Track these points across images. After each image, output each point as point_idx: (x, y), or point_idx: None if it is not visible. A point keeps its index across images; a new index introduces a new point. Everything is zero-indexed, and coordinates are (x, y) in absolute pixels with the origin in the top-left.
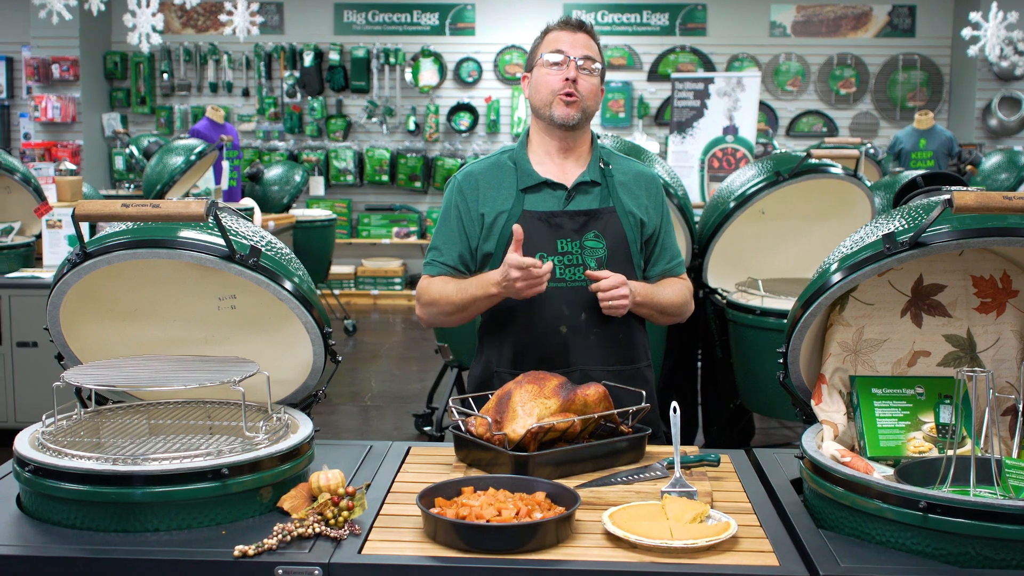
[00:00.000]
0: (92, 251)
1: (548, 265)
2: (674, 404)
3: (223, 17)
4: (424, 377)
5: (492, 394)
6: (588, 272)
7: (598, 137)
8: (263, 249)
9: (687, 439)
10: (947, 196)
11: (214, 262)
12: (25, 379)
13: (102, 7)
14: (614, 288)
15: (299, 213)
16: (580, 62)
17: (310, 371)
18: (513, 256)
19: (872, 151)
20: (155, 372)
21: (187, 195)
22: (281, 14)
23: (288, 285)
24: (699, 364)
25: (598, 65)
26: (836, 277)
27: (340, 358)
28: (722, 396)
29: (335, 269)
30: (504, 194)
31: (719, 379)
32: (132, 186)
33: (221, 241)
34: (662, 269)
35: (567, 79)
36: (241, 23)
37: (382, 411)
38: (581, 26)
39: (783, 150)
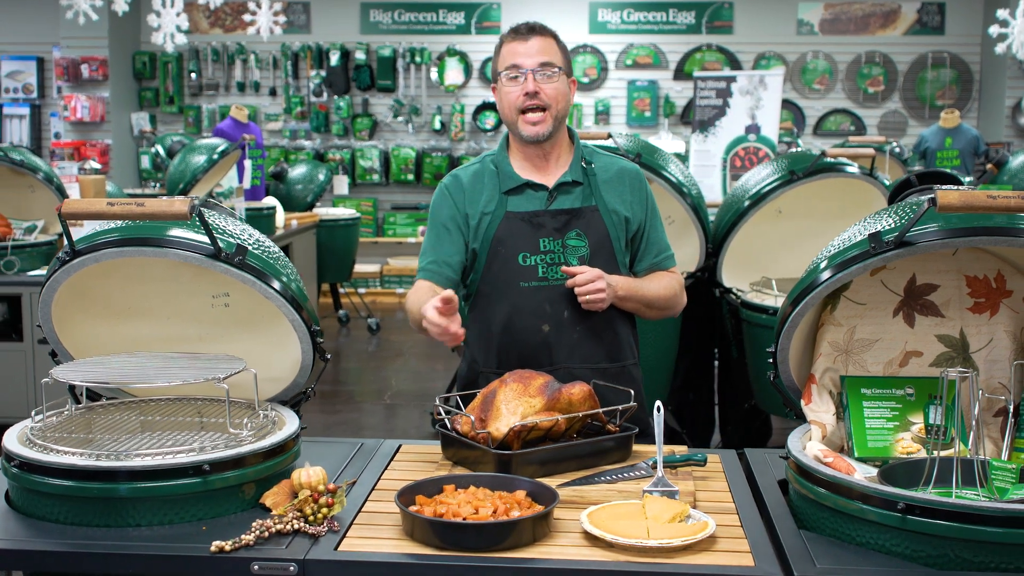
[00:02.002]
0: (81, 249)
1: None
2: (658, 403)
3: (247, 17)
4: (448, 376)
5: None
6: (565, 268)
7: (610, 137)
8: (250, 248)
9: (704, 439)
10: (931, 195)
11: (200, 260)
12: (45, 375)
13: (126, 7)
14: (590, 282)
15: (323, 212)
16: (537, 69)
17: (299, 369)
18: (432, 314)
19: (897, 150)
20: (142, 369)
21: (210, 194)
22: (308, 13)
23: (276, 284)
24: (716, 363)
25: (558, 67)
26: (822, 276)
27: (329, 356)
28: (738, 396)
29: (361, 268)
30: (487, 196)
31: (735, 379)
32: (158, 185)
33: (208, 240)
34: (650, 263)
35: (527, 93)
36: (264, 22)
37: (404, 409)
38: (532, 30)
39: (800, 149)
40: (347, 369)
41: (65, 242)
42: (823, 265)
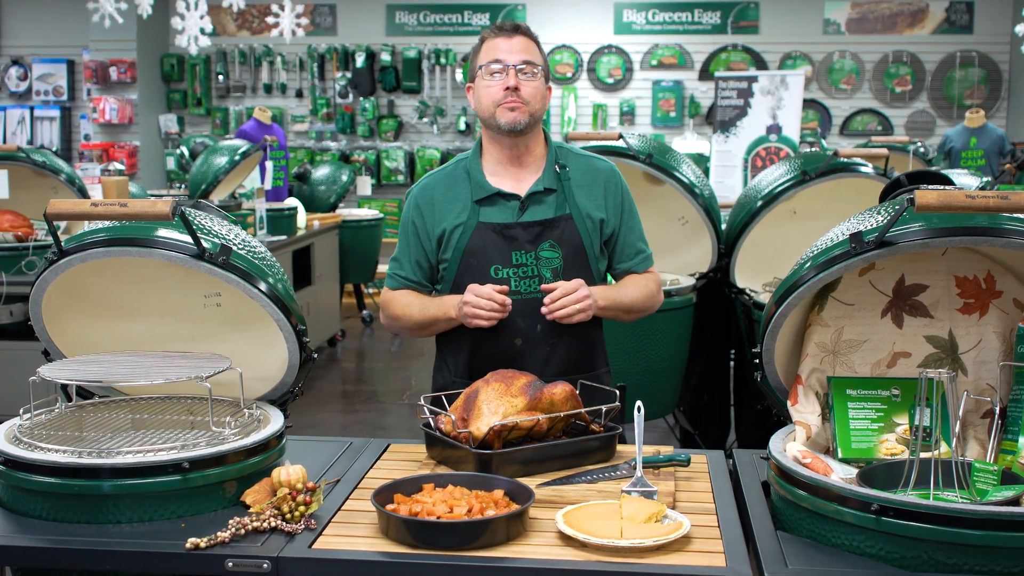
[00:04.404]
0: (68, 249)
1: (507, 301)
2: (638, 404)
3: (270, 19)
4: None
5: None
6: (544, 286)
7: (621, 138)
8: (234, 248)
9: (719, 440)
10: (910, 195)
11: (185, 260)
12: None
13: (150, 10)
14: (572, 292)
15: (345, 213)
16: (520, 67)
17: (287, 368)
18: (478, 286)
19: (922, 150)
20: (128, 367)
21: (233, 195)
22: (334, 15)
23: (261, 285)
24: (732, 364)
25: (539, 67)
26: (804, 275)
27: (316, 355)
28: (752, 397)
29: (385, 268)
30: (459, 206)
31: (749, 379)
32: (183, 186)
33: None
34: (626, 267)
35: (508, 88)
36: (287, 25)
37: None
38: (516, 29)
39: (809, 149)
40: (370, 369)
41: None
42: (807, 265)
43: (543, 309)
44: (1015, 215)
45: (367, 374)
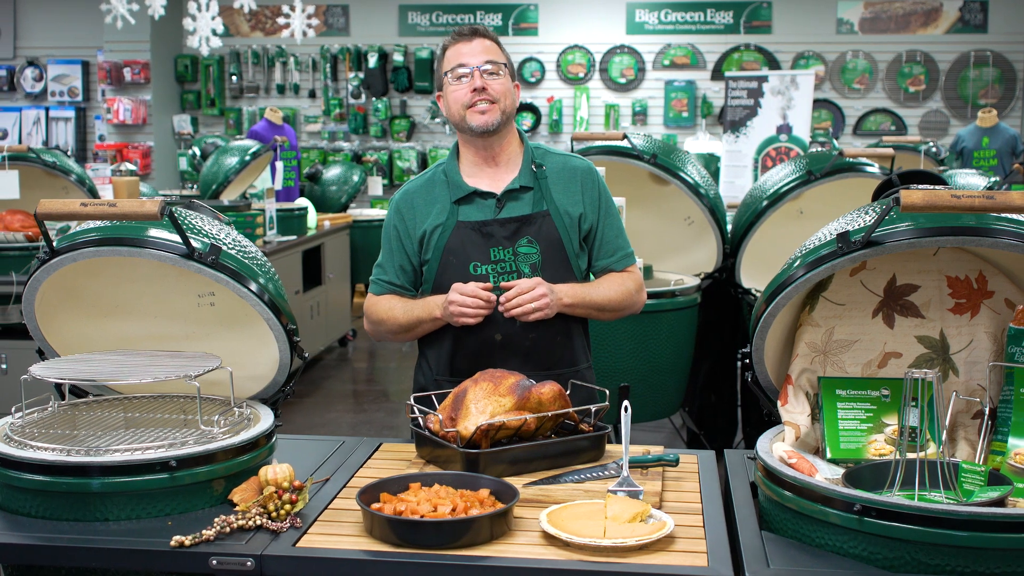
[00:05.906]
0: (60, 248)
1: (492, 297)
2: (625, 403)
3: (280, 20)
4: None
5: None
6: (502, 284)
7: (625, 138)
8: (224, 248)
9: (726, 440)
10: (896, 195)
11: (175, 260)
12: None
13: (162, 11)
14: (529, 291)
15: (356, 213)
16: (485, 67)
17: (279, 368)
18: (462, 285)
19: (934, 150)
20: (117, 366)
21: (244, 195)
22: (347, 16)
23: (251, 285)
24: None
25: (503, 66)
26: (792, 275)
27: (307, 355)
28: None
29: None
30: (438, 208)
31: None
32: (195, 186)
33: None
34: (603, 265)
35: (475, 89)
36: (298, 25)
37: None
38: (475, 33)
39: (820, 148)
40: (380, 368)
41: (44, 241)
42: (795, 264)
43: (500, 308)
44: (1003, 215)
45: (377, 374)
